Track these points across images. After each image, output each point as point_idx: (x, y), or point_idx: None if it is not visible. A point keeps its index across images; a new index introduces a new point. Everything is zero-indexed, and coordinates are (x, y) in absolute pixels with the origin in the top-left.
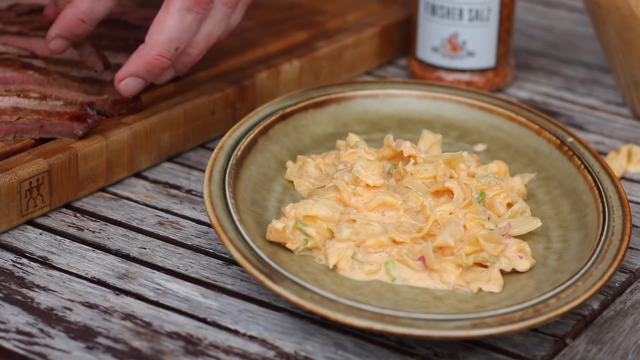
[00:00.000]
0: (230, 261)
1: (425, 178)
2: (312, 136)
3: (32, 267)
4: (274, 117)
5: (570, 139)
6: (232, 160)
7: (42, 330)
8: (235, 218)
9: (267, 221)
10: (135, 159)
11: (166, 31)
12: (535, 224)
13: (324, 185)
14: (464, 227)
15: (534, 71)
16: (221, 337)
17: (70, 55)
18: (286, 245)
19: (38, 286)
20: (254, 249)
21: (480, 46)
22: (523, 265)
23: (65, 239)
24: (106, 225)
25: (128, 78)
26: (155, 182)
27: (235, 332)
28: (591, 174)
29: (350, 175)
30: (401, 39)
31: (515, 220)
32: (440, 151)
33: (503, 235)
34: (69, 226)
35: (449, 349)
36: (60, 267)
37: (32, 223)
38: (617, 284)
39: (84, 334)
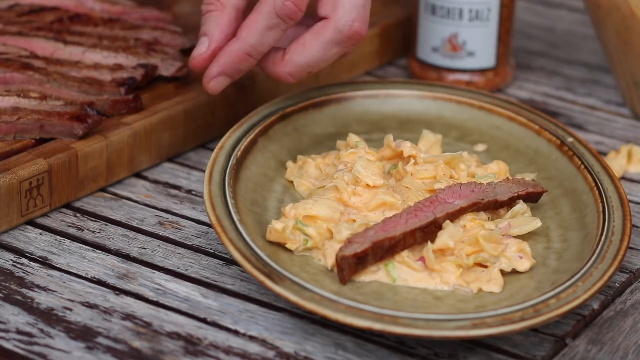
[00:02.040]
0: (230, 261)
1: (425, 178)
2: (312, 136)
3: (32, 267)
4: (274, 117)
5: (570, 139)
6: (232, 160)
7: (42, 330)
8: (235, 218)
9: (267, 221)
10: (135, 159)
11: (308, 56)
12: (535, 224)
13: (324, 185)
14: (464, 227)
15: (534, 71)
16: (221, 337)
17: (70, 56)
18: (286, 246)
19: (38, 286)
20: (254, 249)
21: (480, 46)
22: (523, 265)
23: (65, 239)
24: (106, 225)
25: (220, 77)
26: (155, 182)
27: (235, 332)
28: (591, 174)
29: (350, 175)
30: (401, 39)
31: (515, 220)
32: (440, 151)
33: (503, 236)
34: (69, 226)
35: (449, 349)
36: (60, 267)
37: (32, 223)
38: (617, 284)
39: (84, 334)
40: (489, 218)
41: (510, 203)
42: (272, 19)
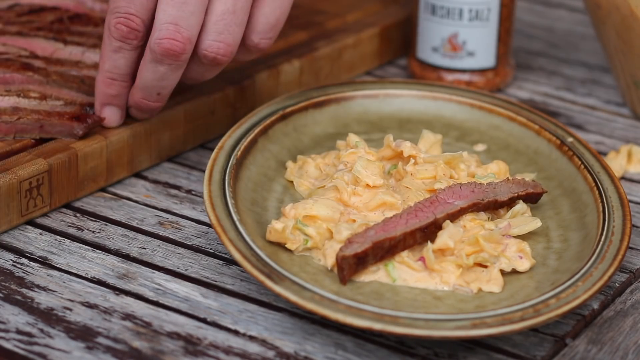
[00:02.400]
0: (230, 261)
1: (425, 178)
2: (312, 136)
3: (32, 267)
4: (274, 117)
5: (570, 139)
6: (232, 160)
7: (42, 330)
8: (235, 218)
9: (267, 221)
10: (135, 159)
11: (143, 80)
12: (535, 224)
13: (324, 186)
14: (464, 227)
15: (534, 71)
16: (221, 337)
17: (70, 56)
18: (286, 246)
19: (38, 286)
20: (254, 249)
21: (480, 46)
22: (523, 265)
23: (65, 239)
24: (106, 225)
25: (131, 109)
26: (155, 182)
27: (235, 332)
28: (591, 174)
29: (350, 175)
30: (401, 39)
31: (515, 220)
32: (440, 151)
33: (503, 236)
34: (69, 226)
35: (449, 349)
36: (60, 267)
37: (32, 223)
38: (617, 284)
39: (84, 334)
40: (489, 218)
41: (510, 203)
42: (113, 43)
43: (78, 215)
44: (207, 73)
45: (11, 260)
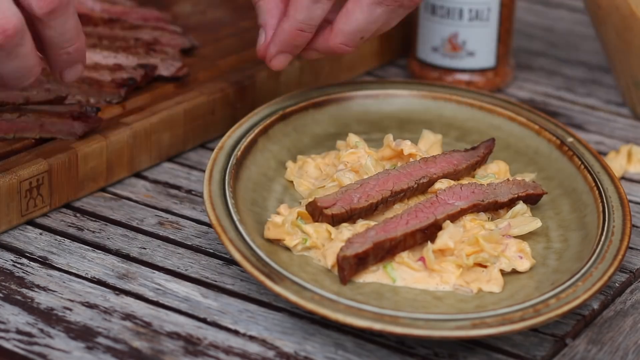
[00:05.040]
0: (230, 261)
1: None
2: (312, 136)
3: (32, 267)
4: (274, 117)
5: (570, 139)
6: (232, 160)
7: (42, 330)
8: (235, 218)
9: (266, 221)
10: (135, 159)
11: (354, 22)
12: (535, 224)
13: (324, 186)
14: (464, 227)
15: (534, 71)
16: (221, 337)
17: None
18: (285, 242)
19: (38, 286)
20: (254, 249)
21: (480, 46)
22: (523, 265)
23: (65, 239)
24: (106, 225)
25: (281, 55)
26: (155, 182)
27: (235, 332)
28: (591, 174)
29: (352, 175)
30: (401, 39)
31: (515, 220)
32: (440, 151)
33: (503, 236)
34: (69, 226)
35: (449, 349)
36: (60, 267)
37: (32, 223)
38: (617, 284)
39: (84, 334)
40: (489, 218)
41: (510, 204)
42: None
43: (78, 215)
44: (397, 19)
45: (11, 260)
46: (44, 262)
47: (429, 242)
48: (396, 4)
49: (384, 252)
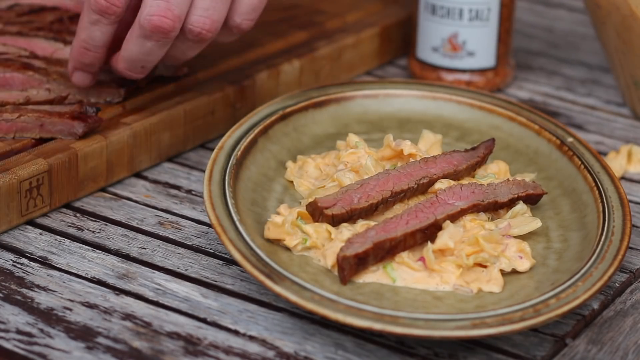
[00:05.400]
0: (230, 261)
1: None
2: (312, 136)
3: (32, 267)
4: (274, 117)
5: (570, 139)
6: (232, 160)
7: (42, 330)
8: (235, 218)
9: (267, 221)
10: (135, 159)
11: (128, 52)
12: (535, 224)
13: (324, 186)
14: (464, 227)
15: (534, 71)
16: (221, 337)
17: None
18: (285, 242)
19: (38, 286)
20: (254, 249)
21: (480, 46)
22: (523, 265)
23: (65, 239)
24: (106, 225)
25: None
26: (155, 182)
27: (235, 332)
28: (591, 174)
29: (353, 175)
30: (401, 39)
31: (515, 220)
32: (440, 151)
33: (503, 236)
34: (69, 226)
35: (449, 349)
36: (60, 267)
37: (32, 223)
38: (617, 284)
39: (84, 334)
40: (489, 218)
41: (510, 204)
42: (92, 15)
43: (78, 215)
44: (190, 51)
45: (11, 260)
46: (44, 262)
47: (429, 242)
48: (166, 39)
49: (384, 252)
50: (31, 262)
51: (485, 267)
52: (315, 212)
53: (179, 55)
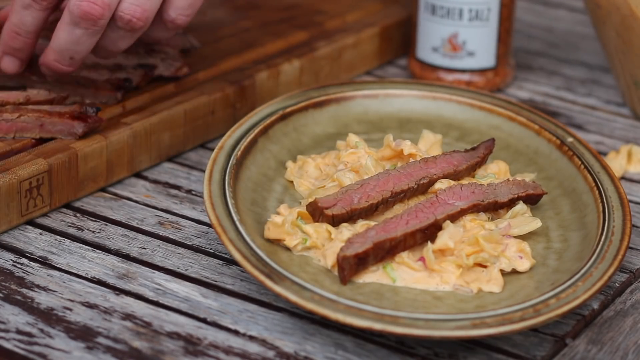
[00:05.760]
0: (230, 261)
1: None
2: (312, 136)
3: (32, 267)
4: (274, 117)
5: (570, 139)
6: (232, 160)
7: (42, 330)
8: (235, 218)
9: (267, 221)
10: (135, 159)
11: (57, 41)
12: (535, 224)
13: (324, 186)
14: (464, 227)
15: (534, 71)
16: (221, 337)
17: None
18: (285, 242)
19: (38, 286)
20: (254, 249)
21: (480, 46)
22: (523, 265)
23: (65, 239)
24: (106, 225)
25: (43, 67)
26: (155, 182)
27: (235, 332)
28: (591, 174)
29: (352, 175)
30: (401, 39)
31: (515, 220)
32: (440, 151)
33: (503, 236)
34: (69, 226)
35: (449, 349)
36: (60, 267)
37: (32, 223)
38: (617, 284)
39: (84, 334)
40: (489, 218)
41: (510, 204)
42: None
43: (78, 215)
44: (121, 41)
45: (11, 260)
46: (44, 262)
47: (429, 242)
48: (95, 27)
49: (384, 252)
50: (31, 262)
51: (485, 267)
52: (316, 212)
53: (110, 46)
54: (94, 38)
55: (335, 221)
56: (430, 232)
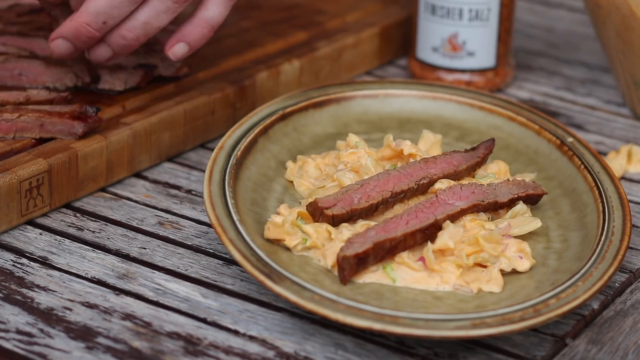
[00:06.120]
0: (230, 261)
1: None
2: (312, 136)
3: (32, 267)
4: (274, 117)
5: (570, 139)
6: (232, 160)
7: (42, 330)
8: (235, 218)
9: (267, 221)
10: (135, 159)
11: (95, 3)
12: (535, 224)
13: (324, 186)
14: (464, 227)
15: (534, 71)
16: (221, 337)
17: None
18: (285, 242)
19: (38, 286)
20: (254, 249)
21: (480, 46)
22: (523, 265)
23: (65, 239)
24: (106, 225)
25: (59, 39)
26: (155, 182)
27: (235, 332)
28: (591, 174)
29: (352, 175)
30: (401, 39)
31: (515, 220)
32: (440, 151)
33: (503, 236)
34: (69, 226)
35: (449, 349)
36: (60, 267)
37: (32, 223)
38: (617, 284)
39: (84, 334)
40: (489, 218)
41: (510, 204)
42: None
43: (78, 215)
44: (165, 15)
45: (11, 260)
46: (44, 262)
47: (429, 242)
48: None
49: (384, 252)
50: (31, 262)
51: (485, 267)
52: (316, 212)
53: (153, 19)
54: (132, 7)
55: (335, 221)
56: (430, 232)
